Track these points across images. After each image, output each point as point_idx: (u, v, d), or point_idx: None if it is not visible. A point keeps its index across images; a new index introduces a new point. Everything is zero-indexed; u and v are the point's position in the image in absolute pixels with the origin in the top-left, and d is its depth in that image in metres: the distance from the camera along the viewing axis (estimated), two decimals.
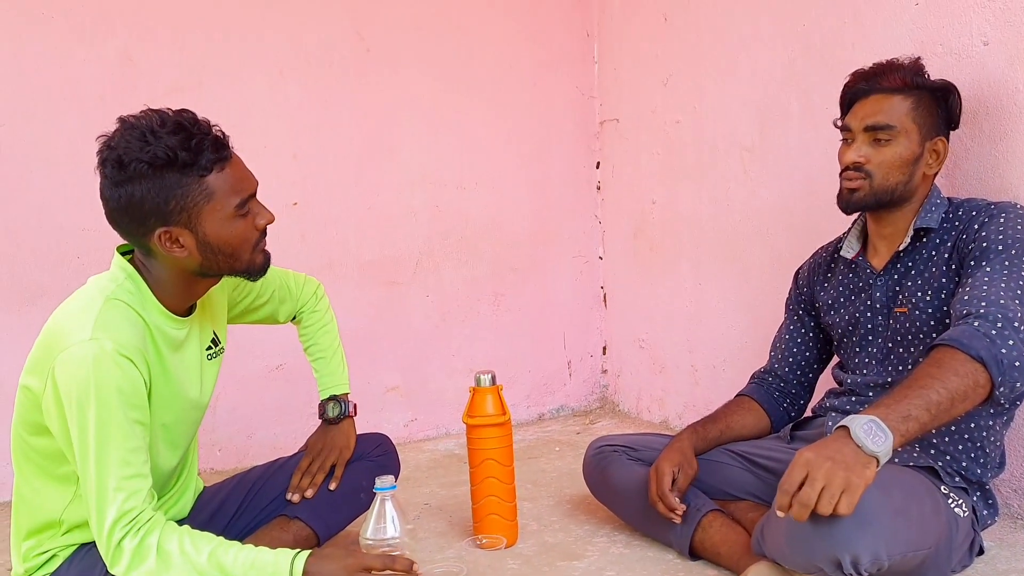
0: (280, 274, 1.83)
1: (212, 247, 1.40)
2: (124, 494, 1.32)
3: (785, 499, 1.30)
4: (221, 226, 1.39)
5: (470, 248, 3.06)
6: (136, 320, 1.40)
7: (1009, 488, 1.89)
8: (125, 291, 1.42)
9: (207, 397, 1.61)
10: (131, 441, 1.34)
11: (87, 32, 2.48)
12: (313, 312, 1.92)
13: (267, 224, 1.47)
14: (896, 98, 1.66)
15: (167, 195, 1.34)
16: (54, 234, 2.46)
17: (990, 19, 1.87)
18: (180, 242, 1.38)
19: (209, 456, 2.65)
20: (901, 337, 1.70)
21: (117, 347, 1.33)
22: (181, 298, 1.49)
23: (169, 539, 1.33)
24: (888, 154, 1.66)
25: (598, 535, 1.98)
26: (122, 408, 1.33)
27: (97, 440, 1.31)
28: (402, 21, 2.89)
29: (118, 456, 1.32)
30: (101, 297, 1.38)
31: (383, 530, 1.47)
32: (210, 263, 1.43)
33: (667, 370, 3.02)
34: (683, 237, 2.89)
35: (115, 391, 1.32)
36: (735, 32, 2.59)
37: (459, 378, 2.97)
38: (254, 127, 2.65)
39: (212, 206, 1.37)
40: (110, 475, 1.31)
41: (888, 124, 1.65)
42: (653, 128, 2.97)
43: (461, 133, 3.01)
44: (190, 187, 1.35)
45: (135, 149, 1.32)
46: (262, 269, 1.50)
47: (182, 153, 1.33)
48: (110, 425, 1.32)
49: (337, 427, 1.85)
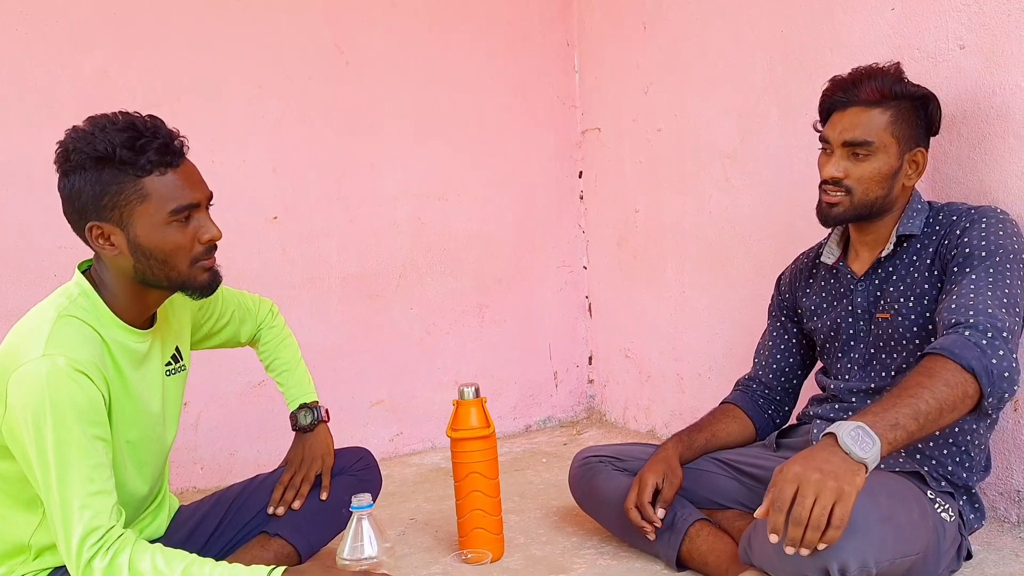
0: (236, 294, 1.82)
1: (143, 250, 1.37)
2: (90, 512, 1.29)
3: (779, 518, 1.28)
4: (152, 230, 1.36)
5: (454, 260, 3.05)
6: (91, 335, 1.37)
7: (995, 491, 1.89)
8: (79, 307, 1.39)
9: (172, 415, 1.58)
10: (92, 457, 1.31)
11: (64, 48, 2.46)
12: (271, 328, 1.89)
13: (212, 240, 1.43)
14: (874, 111, 1.64)
15: (102, 190, 1.34)
16: (31, 253, 2.43)
17: (966, 23, 1.87)
18: (111, 241, 1.37)
19: (191, 474, 2.62)
20: (884, 343, 1.70)
21: (71, 362, 1.30)
22: (135, 309, 1.45)
23: (141, 558, 1.30)
24: (867, 169, 1.64)
25: (585, 547, 1.96)
26: (79, 424, 1.30)
27: (57, 459, 1.28)
28: (381, 34, 2.88)
29: (80, 473, 1.29)
30: (55, 313, 1.36)
31: (360, 549, 1.45)
32: (144, 267, 1.39)
33: (653, 379, 3.01)
34: (667, 245, 2.89)
35: (71, 407, 1.29)
36: (714, 40, 2.59)
37: (445, 391, 2.95)
38: (233, 141, 2.63)
39: (145, 207, 1.35)
40: (73, 493, 1.28)
41: (866, 140, 1.63)
42: (635, 137, 2.98)
43: (442, 145, 3.00)
44: (125, 185, 1.34)
45: (81, 141, 1.34)
46: (206, 287, 1.45)
47: (122, 151, 1.33)
48: (69, 443, 1.28)
49: (313, 435, 1.83)
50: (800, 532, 1.26)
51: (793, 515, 1.27)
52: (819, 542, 1.26)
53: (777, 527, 1.28)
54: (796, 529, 1.26)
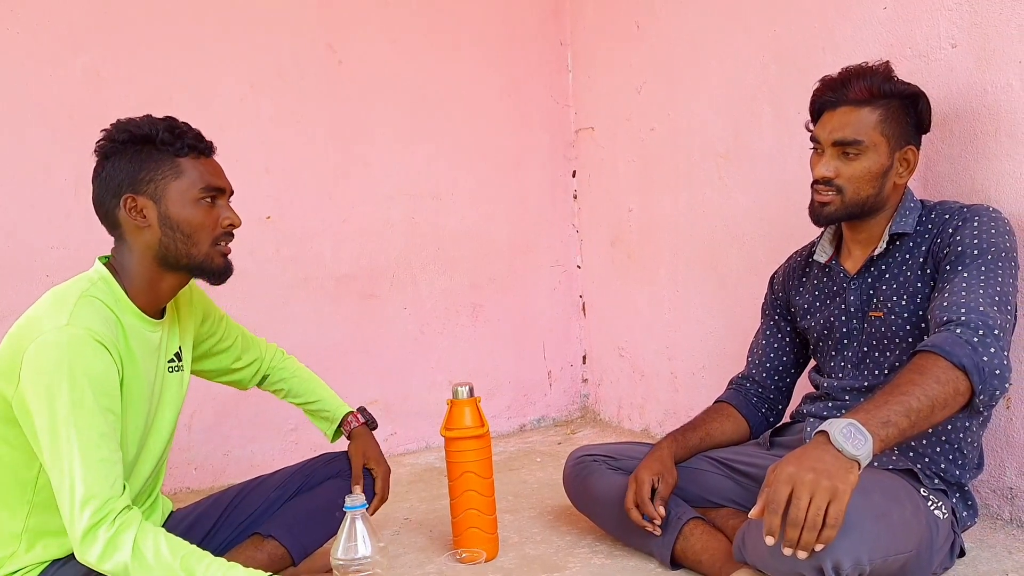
0: (243, 329, 1.89)
1: (172, 223, 1.47)
2: (96, 476, 1.30)
3: (775, 520, 1.28)
4: (184, 205, 1.48)
5: (447, 259, 3.04)
6: (110, 316, 1.42)
7: (988, 489, 1.89)
8: (99, 290, 1.45)
9: (166, 414, 1.59)
10: (102, 426, 1.33)
11: (55, 49, 2.45)
12: (282, 366, 1.94)
13: (232, 225, 1.53)
14: (864, 111, 1.64)
15: (140, 165, 1.47)
16: (23, 253, 2.42)
17: (957, 22, 1.88)
18: (144, 214, 1.47)
19: (185, 475, 2.62)
20: (876, 341, 1.70)
21: (92, 333, 1.35)
22: (150, 295, 1.51)
23: (145, 538, 1.31)
24: (857, 168, 1.64)
25: (579, 546, 1.96)
26: (93, 392, 1.33)
27: (66, 422, 1.30)
28: (373, 33, 2.88)
29: (88, 439, 1.31)
30: (77, 293, 1.41)
31: (354, 549, 1.45)
32: (169, 241, 1.48)
33: (647, 378, 3.01)
34: (660, 244, 2.89)
35: (86, 374, 1.33)
36: (707, 39, 2.60)
37: (439, 391, 2.94)
38: (226, 142, 2.57)
39: (178, 183, 1.47)
40: (81, 458, 1.30)
41: (856, 139, 1.63)
42: (628, 136, 2.98)
43: (435, 144, 3.00)
44: (163, 163, 1.47)
45: (124, 126, 1.48)
46: (221, 271, 1.54)
47: (163, 133, 1.47)
48: (81, 407, 1.31)
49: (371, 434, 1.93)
50: (797, 533, 1.26)
51: (789, 517, 1.27)
52: (816, 543, 1.26)
53: (773, 529, 1.28)
54: (792, 531, 1.26)
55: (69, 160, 2.41)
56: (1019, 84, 1.78)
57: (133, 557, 1.29)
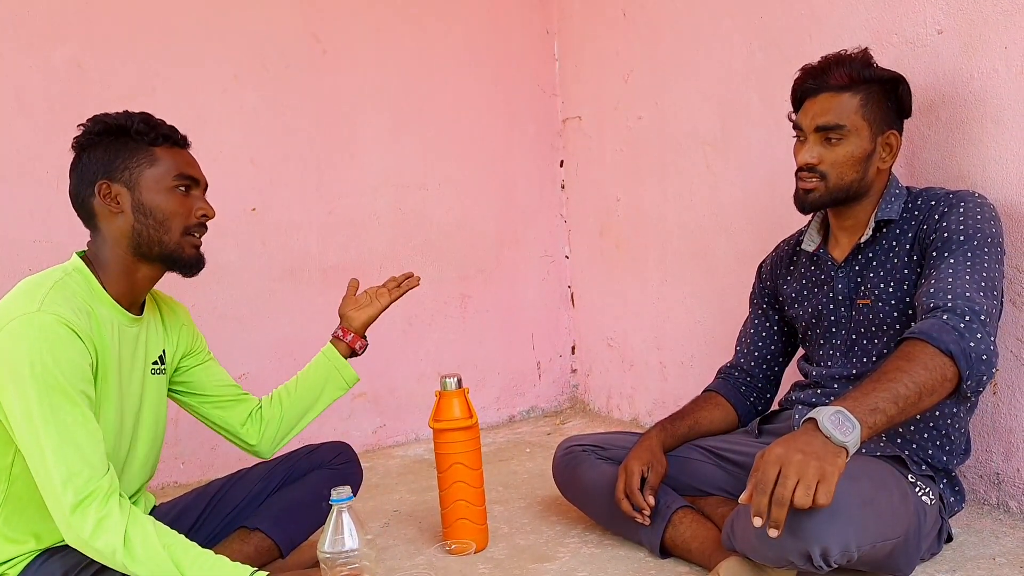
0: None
1: (145, 209, 1.48)
2: (72, 454, 1.29)
3: (763, 500, 1.28)
4: (157, 192, 1.49)
5: (435, 250, 3.03)
6: (82, 306, 1.41)
7: (975, 474, 1.90)
8: (73, 280, 1.45)
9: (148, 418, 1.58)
10: (77, 407, 1.33)
11: (35, 40, 2.42)
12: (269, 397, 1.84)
13: (206, 216, 1.54)
14: (844, 96, 1.65)
15: (116, 154, 1.48)
16: (5, 246, 2.39)
17: (943, 8, 1.88)
18: (118, 200, 1.48)
19: (172, 469, 2.60)
20: (864, 329, 1.70)
21: (62, 319, 1.34)
22: (125, 285, 1.51)
23: (135, 525, 1.31)
24: (840, 153, 1.65)
25: (569, 536, 1.96)
26: (66, 376, 1.32)
27: (41, 403, 1.29)
28: (359, 22, 2.85)
29: (62, 420, 1.30)
30: (50, 283, 1.40)
31: (340, 542, 1.44)
32: (141, 228, 1.48)
33: (636, 367, 3.01)
34: (648, 234, 2.88)
35: (59, 358, 1.32)
36: (694, 27, 2.59)
37: (427, 382, 2.94)
38: (209, 133, 2.61)
39: (152, 171, 1.49)
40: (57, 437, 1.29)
41: (838, 124, 1.64)
42: (616, 125, 2.97)
43: (422, 134, 2.99)
44: (138, 151, 1.49)
45: (100, 118, 1.50)
46: (192, 263, 1.54)
47: (138, 124, 1.49)
48: (55, 389, 1.31)
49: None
50: (783, 513, 1.26)
51: (776, 495, 1.27)
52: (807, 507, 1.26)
53: (761, 509, 1.28)
54: (779, 510, 1.26)
55: (51, 153, 2.38)
56: (1004, 70, 1.78)
57: (124, 543, 1.29)
